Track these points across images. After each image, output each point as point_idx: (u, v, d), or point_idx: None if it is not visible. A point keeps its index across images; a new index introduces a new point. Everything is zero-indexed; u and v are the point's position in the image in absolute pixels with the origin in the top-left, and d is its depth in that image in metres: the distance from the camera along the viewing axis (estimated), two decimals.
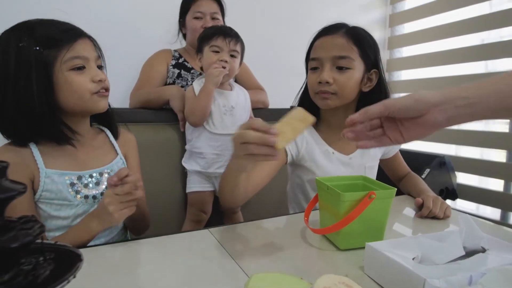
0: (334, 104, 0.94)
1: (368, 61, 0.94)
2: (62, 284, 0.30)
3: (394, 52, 2.35)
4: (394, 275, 0.54)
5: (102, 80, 0.78)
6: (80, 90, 0.76)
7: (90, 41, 0.79)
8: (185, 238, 0.73)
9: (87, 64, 0.77)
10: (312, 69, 0.97)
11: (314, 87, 0.95)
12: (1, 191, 0.29)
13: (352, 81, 0.93)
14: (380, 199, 0.67)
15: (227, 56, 1.20)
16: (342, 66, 0.91)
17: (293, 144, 0.97)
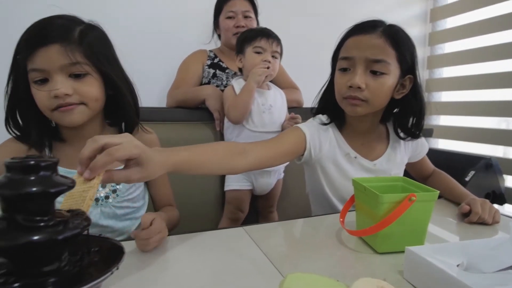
0: (363, 112, 0.87)
1: (405, 65, 0.86)
2: (107, 275, 0.32)
3: (435, 48, 2.24)
4: (436, 282, 0.51)
5: (58, 96, 0.68)
6: (40, 106, 0.70)
7: (59, 48, 0.68)
8: (220, 235, 0.74)
9: (50, 77, 0.69)
10: (341, 69, 0.88)
11: (343, 91, 0.87)
12: (52, 185, 0.31)
13: (386, 88, 0.85)
14: (421, 201, 0.64)
15: (269, 57, 1.22)
16: (377, 71, 0.83)
17: (315, 139, 0.92)
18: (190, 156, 0.68)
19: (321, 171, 0.95)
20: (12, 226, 0.29)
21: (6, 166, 0.31)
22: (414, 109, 0.91)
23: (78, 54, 0.69)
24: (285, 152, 0.88)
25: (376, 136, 0.98)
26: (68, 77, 0.70)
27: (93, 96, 0.74)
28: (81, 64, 0.70)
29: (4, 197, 0.30)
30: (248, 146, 0.81)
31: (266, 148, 0.84)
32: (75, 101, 0.71)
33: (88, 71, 0.72)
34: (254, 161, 0.80)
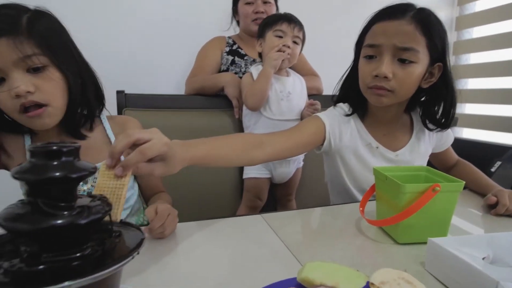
0: (388, 102, 0.83)
1: (435, 53, 0.80)
2: (127, 259, 0.32)
3: (462, 33, 2.14)
4: (460, 275, 0.50)
5: (19, 95, 0.61)
6: (5, 109, 0.65)
7: (6, 41, 0.60)
8: (238, 222, 0.75)
9: (5, 75, 0.62)
10: (367, 57, 0.83)
11: (368, 80, 0.83)
12: (73, 170, 0.31)
13: (414, 77, 0.80)
14: (446, 192, 0.62)
15: (290, 41, 1.20)
16: (405, 59, 0.78)
17: (335, 129, 0.89)
18: (209, 150, 0.67)
19: (341, 161, 0.93)
20: (36, 210, 0.30)
21: (30, 151, 0.31)
22: (444, 98, 0.86)
23: (30, 45, 0.62)
24: (303, 143, 0.86)
25: (400, 125, 0.94)
26: (26, 73, 0.63)
27: (56, 92, 0.67)
28: (36, 56, 0.63)
29: (27, 182, 0.30)
30: (265, 138, 0.80)
31: (284, 138, 0.83)
32: (38, 100, 0.64)
33: (45, 63, 0.65)
34: (272, 152, 0.79)
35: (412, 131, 0.95)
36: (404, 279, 0.47)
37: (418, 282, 0.47)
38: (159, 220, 0.63)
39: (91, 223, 0.32)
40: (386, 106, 0.86)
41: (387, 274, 0.48)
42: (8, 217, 0.29)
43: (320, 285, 0.45)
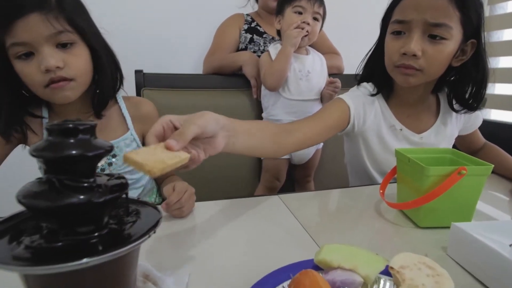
0: (416, 82, 0.79)
1: (469, 29, 0.75)
2: (145, 238, 0.32)
3: (495, 7, 2.01)
4: (485, 261, 0.48)
5: (49, 70, 0.63)
6: (30, 83, 0.66)
7: (39, 16, 0.62)
8: (255, 202, 0.74)
9: (35, 50, 0.63)
10: (394, 33, 0.79)
11: (395, 58, 0.78)
12: (90, 149, 0.31)
13: (445, 55, 0.75)
14: (472, 175, 0.60)
15: (310, 18, 1.15)
16: (436, 35, 0.73)
17: (360, 111, 0.86)
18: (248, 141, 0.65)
19: (363, 143, 0.91)
20: (53, 188, 0.30)
21: (47, 129, 0.31)
22: (475, 77, 0.81)
23: (60, 21, 0.64)
24: (329, 128, 0.84)
25: (426, 107, 0.90)
26: (56, 48, 0.65)
27: (83, 68, 0.70)
28: (66, 33, 0.65)
29: (44, 160, 0.30)
30: (292, 126, 0.78)
31: (311, 125, 0.80)
32: (66, 76, 0.66)
33: (74, 39, 0.67)
34: (302, 139, 0.77)
35: (438, 112, 0.91)
36: (425, 264, 0.46)
37: (440, 267, 0.45)
38: (176, 195, 0.63)
39: (109, 201, 0.32)
40: (413, 86, 0.81)
41: (407, 258, 0.47)
42: (26, 194, 0.30)
43: (338, 267, 0.44)
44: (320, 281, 0.39)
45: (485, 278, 0.48)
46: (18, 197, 0.30)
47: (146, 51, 1.63)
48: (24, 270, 0.29)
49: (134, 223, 0.36)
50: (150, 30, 1.64)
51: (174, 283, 0.46)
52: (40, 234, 0.31)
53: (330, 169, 1.43)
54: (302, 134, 0.77)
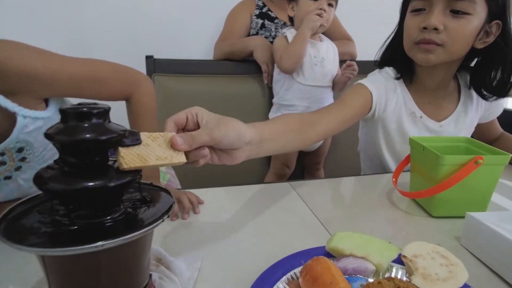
0: (437, 60, 0.76)
1: (494, 7, 0.72)
2: (158, 222, 0.32)
3: None
4: (500, 251, 0.47)
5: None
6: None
7: None
8: (266, 189, 0.74)
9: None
10: (414, 11, 0.77)
11: (415, 35, 0.76)
12: (102, 133, 0.31)
13: (468, 31, 0.72)
14: (489, 165, 0.58)
15: (325, 4, 1.14)
16: (459, 10, 0.71)
17: (382, 98, 0.84)
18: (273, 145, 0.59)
19: (382, 130, 0.89)
20: (68, 171, 0.30)
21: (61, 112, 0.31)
22: (504, 60, 0.77)
23: None
24: (352, 116, 0.80)
25: (447, 93, 0.88)
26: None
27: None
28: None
29: (59, 143, 0.30)
30: (315, 117, 0.73)
31: (334, 114, 0.77)
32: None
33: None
34: (324, 130, 0.74)
35: (458, 99, 0.88)
36: (439, 253, 0.46)
37: (454, 257, 0.45)
38: None
39: (123, 186, 0.32)
40: (434, 67, 0.79)
41: (421, 247, 0.47)
42: (43, 178, 0.30)
43: (350, 255, 0.44)
44: (332, 268, 0.39)
45: (499, 268, 0.48)
46: (34, 180, 0.30)
47: (157, 37, 1.62)
48: (41, 252, 0.29)
49: (147, 207, 0.36)
50: (161, 15, 1.62)
51: (186, 267, 0.47)
52: (56, 217, 0.32)
53: (340, 157, 1.42)
54: (325, 125, 0.74)
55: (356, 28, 1.49)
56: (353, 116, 0.81)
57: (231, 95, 1.27)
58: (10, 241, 0.28)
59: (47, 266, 0.31)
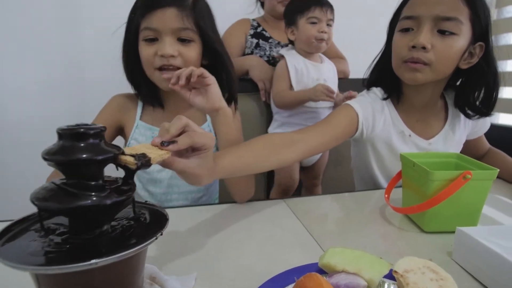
0: (424, 79, 0.77)
1: (478, 28, 0.75)
2: (151, 239, 0.33)
3: (502, 11, 2.00)
4: (490, 265, 0.48)
5: (164, 56, 0.73)
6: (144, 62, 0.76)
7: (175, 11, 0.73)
8: (260, 206, 0.75)
9: (160, 37, 0.74)
10: (402, 30, 0.79)
11: (403, 53, 0.78)
12: (99, 152, 0.32)
13: (454, 51, 0.75)
14: (477, 180, 0.60)
15: (324, 26, 1.16)
16: (446, 30, 0.73)
17: (369, 118, 0.85)
18: (234, 160, 0.62)
19: (372, 149, 0.90)
20: (64, 190, 0.31)
21: (58, 133, 0.32)
22: (486, 82, 0.80)
23: (190, 20, 0.74)
24: (337, 136, 0.82)
25: (434, 111, 0.89)
26: (176, 40, 0.74)
27: (194, 61, 0.77)
28: (190, 30, 0.74)
29: (56, 163, 0.31)
30: (297, 136, 0.75)
31: (317, 134, 0.79)
32: (177, 64, 0.75)
33: (194, 38, 0.76)
34: (306, 150, 0.75)
35: (446, 117, 0.90)
36: (429, 268, 0.46)
37: (444, 272, 0.45)
38: None
39: (117, 204, 0.33)
40: (421, 86, 0.81)
41: (412, 262, 0.47)
42: (39, 197, 0.31)
43: (342, 271, 0.45)
44: (324, 284, 0.40)
45: (490, 282, 0.48)
46: (31, 199, 0.31)
47: None
48: (35, 270, 0.30)
49: (141, 225, 0.37)
50: None
51: (180, 286, 0.47)
52: (50, 235, 0.32)
53: (336, 174, 1.43)
54: (307, 144, 0.76)
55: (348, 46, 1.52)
56: (338, 136, 0.82)
57: None
58: (5, 259, 0.29)
59: (41, 284, 0.32)
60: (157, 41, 0.74)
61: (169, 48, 0.73)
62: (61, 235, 0.32)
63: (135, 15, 0.75)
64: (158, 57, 0.74)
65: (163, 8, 0.72)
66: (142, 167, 0.37)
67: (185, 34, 0.74)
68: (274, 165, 0.72)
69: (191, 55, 0.76)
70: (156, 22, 0.72)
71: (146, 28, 0.73)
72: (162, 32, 0.73)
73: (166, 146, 0.44)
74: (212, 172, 0.55)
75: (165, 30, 0.73)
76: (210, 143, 0.50)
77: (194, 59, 0.76)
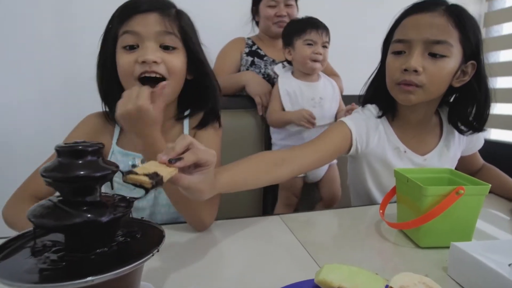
0: (417, 100, 0.79)
1: (468, 49, 0.77)
2: (148, 256, 0.33)
3: (491, 30, 2.06)
4: (485, 281, 0.48)
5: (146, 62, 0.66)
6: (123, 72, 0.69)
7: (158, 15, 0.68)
8: (255, 222, 0.75)
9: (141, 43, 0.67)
10: (395, 53, 0.81)
11: (396, 76, 0.79)
12: (97, 169, 0.33)
13: (445, 73, 0.77)
14: (470, 195, 0.60)
15: (320, 48, 1.21)
16: (436, 53, 0.75)
17: (362, 135, 0.86)
18: (233, 176, 0.65)
19: (367, 165, 0.91)
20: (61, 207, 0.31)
21: (56, 150, 0.33)
22: (477, 98, 0.82)
23: (174, 25, 0.69)
24: (330, 153, 0.83)
25: (429, 128, 0.91)
26: (159, 47, 0.69)
27: (179, 69, 0.71)
28: (174, 36, 0.70)
29: (54, 180, 0.32)
30: (290, 154, 0.77)
31: (310, 152, 0.80)
32: (160, 72, 0.68)
33: (178, 46, 0.71)
34: (298, 168, 0.77)
35: (441, 134, 0.92)
36: (425, 284, 0.46)
37: (438, 287, 0.45)
38: None
39: (113, 221, 0.33)
40: (415, 105, 0.82)
41: (407, 278, 0.47)
42: (36, 214, 0.31)
43: (338, 287, 0.45)
44: None
45: None
46: (28, 216, 0.31)
47: None
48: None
49: (138, 241, 0.37)
50: None
51: None
52: (47, 252, 0.32)
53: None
54: (300, 161, 0.77)
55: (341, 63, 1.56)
56: (331, 153, 0.84)
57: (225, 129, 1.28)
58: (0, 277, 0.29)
59: None
60: (137, 48, 0.68)
61: (151, 54, 0.66)
62: (57, 253, 0.32)
63: (112, 25, 0.70)
64: (139, 64, 0.66)
65: (144, 13, 0.67)
66: (157, 185, 0.39)
67: (169, 40, 0.69)
68: (268, 182, 0.74)
69: (176, 63, 0.70)
70: (137, 25, 0.67)
71: (126, 32, 0.67)
72: (144, 36, 0.67)
73: (174, 163, 0.46)
74: (213, 187, 0.58)
75: (147, 34, 0.67)
76: (212, 159, 0.52)
77: (178, 69, 0.71)
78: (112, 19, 0.71)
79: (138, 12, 0.67)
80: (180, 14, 0.74)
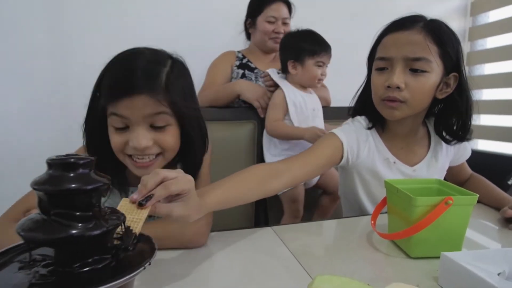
0: (401, 115, 0.81)
1: (448, 62, 0.79)
2: (140, 269, 0.33)
3: (475, 44, 2.13)
4: None
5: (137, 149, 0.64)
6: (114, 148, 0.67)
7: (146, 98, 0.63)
8: (248, 234, 0.75)
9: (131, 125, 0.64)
10: (378, 69, 0.83)
11: (380, 92, 0.82)
12: (89, 182, 0.33)
13: (427, 87, 0.79)
14: (459, 205, 0.61)
15: (326, 68, 1.29)
16: (417, 69, 0.77)
17: (353, 147, 0.87)
18: (222, 195, 0.64)
19: (358, 176, 0.92)
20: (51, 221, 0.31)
21: (48, 163, 0.33)
22: (460, 109, 0.84)
23: (164, 102, 0.64)
24: (321, 165, 0.84)
25: (417, 139, 0.92)
26: (149, 127, 0.66)
27: (172, 146, 0.69)
28: (165, 114, 0.66)
29: (45, 193, 0.32)
30: (282, 166, 0.78)
31: (302, 164, 0.81)
32: (153, 152, 0.67)
33: (170, 122, 0.67)
34: (290, 180, 0.78)
35: (429, 144, 0.93)
36: None
37: None
38: None
39: (104, 234, 0.33)
40: (401, 119, 0.84)
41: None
42: (25, 227, 0.31)
43: None
44: None
45: None
46: (17, 230, 0.30)
47: None
48: None
49: (129, 255, 0.36)
50: None
51: None
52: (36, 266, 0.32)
53: None
54: (292, 174, 0.78)
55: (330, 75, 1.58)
56: (323, 165, 0.84)
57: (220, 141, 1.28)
58: None
59: None
60: (127, 129, 0.65)
61: (142, 140, 0.63)
62: (47, 267, 0.31)
63: (100, 95, 0.66)
64: (130, 147, 0.65)
65: (133, 96, 0.62)
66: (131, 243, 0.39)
67: (159, 120, 0.65)
68: (260, 196, 0.74)
69: (168, 141, 0.67)
70: (125, 109, 0.62)
71: (113, 114, 0.64)
72: (133, 120, 0.63)
73: (145, 204, 0.46)
74: (199, 208, 0.57)
75: (136, 118, 0.63)
76: (188, 187, 0.52)
77: (171, 145, 0.68)
78: (98, 84, 0.67)
79: (126, 95, 0.62)
80: (170, 80, 0.66)
